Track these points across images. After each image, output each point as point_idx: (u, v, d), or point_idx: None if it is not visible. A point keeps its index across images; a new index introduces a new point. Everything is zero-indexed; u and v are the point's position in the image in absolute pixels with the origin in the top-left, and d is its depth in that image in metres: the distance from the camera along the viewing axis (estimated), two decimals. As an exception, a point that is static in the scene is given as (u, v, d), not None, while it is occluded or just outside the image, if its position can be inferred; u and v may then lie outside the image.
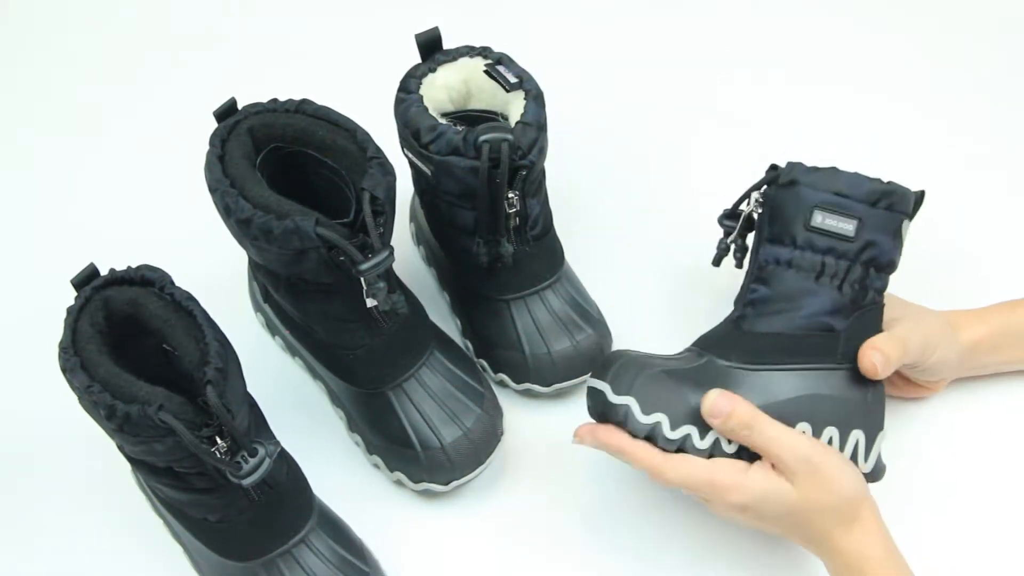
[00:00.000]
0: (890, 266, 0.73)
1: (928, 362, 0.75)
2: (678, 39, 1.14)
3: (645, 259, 0.94)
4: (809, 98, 1.07)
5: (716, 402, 0.68)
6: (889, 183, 0.73)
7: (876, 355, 0.71)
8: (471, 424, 0.79)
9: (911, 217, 0.74)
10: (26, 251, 0.99)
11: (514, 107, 0.78)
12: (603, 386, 0.71)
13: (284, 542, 0.72)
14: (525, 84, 0.79)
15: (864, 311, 0.73)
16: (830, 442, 0.70)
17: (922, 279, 0.86)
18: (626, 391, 0.70)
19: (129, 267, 0.70)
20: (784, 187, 0.74)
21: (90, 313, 0.68)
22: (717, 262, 0.80)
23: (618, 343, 0.87)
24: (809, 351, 0.72)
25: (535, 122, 0.77)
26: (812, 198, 0.72)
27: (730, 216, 0.79)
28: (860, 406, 0.72)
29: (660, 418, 0.69)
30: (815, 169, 0.73)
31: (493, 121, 0.80)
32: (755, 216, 0.77)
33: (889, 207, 0.72)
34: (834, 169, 0.73)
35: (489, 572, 0.79)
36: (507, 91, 0.79)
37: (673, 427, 0.69)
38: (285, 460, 0.73)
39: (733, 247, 0.79)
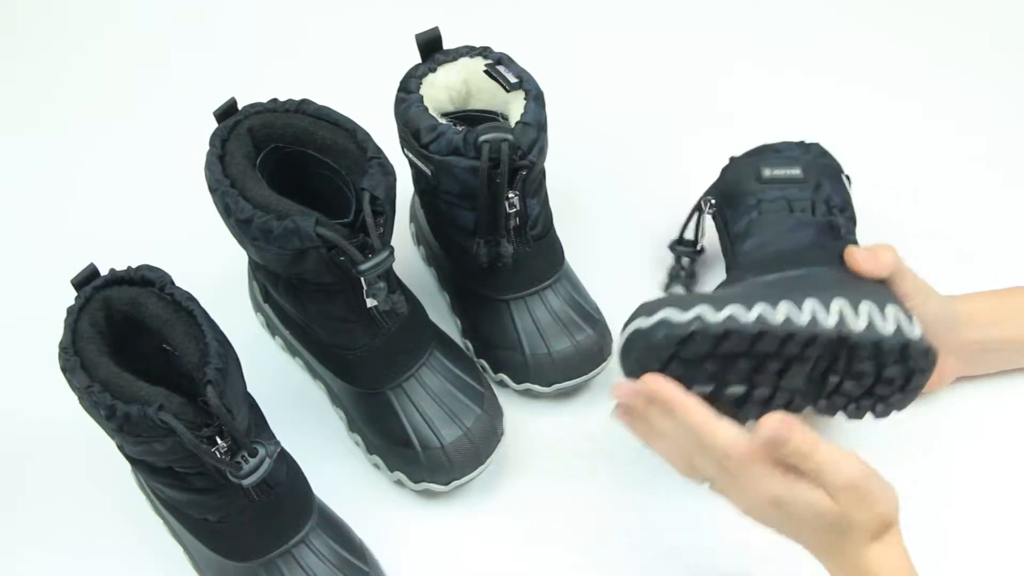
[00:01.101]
0: (847, 207, 0.78)
1: (924, 307, 0.74)
2: (678, 39, 1.14)
3: (645, 259, 0.94)
4: (811, 98, 1.07)
5: (778, 428, 0.63)
6: (811, 143, 0.82)
7: (860, 250, 0.73)
8: (471, 424, 0.79)
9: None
10: (26, 251, 0.99)
11: (514, 107, 0.78)
12: (663, 314, 0.67)
13: (284, 542, 0.72)
14: (525, 84, 0.79)
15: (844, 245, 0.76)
16: (840, 315, 0.69)
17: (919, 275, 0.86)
18: (690, 306, 0.67)
19: (129, 267, 0.70)
20: (725, 173, 0.83)
21: (90, 313, 0.68)
22: (667, 288, 0.88)
23: (617, 344, 0.87)
24: (811, 260, 0.74)
25: (535, 122, 0.77)
26: (754, 163, 0.81)
27: (680, 242, 0.89)
28: (867, 284, 0.72)
29: (735, 309, 0.67)
30: (747, 151, 0.83)
31: (493, 121, 0.80)
32: (712, 218, 0.84)
33: (820, 155, 0.81)
34: (761, 145, 0.82)
35: (489, 572, 0.79)
36: (507, 91, 0.79)
37: (748, 308, 0.67)
38: (285, 460, 0.73)
39: (683, 272, 0.87)
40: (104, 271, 0.70)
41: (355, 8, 1.18)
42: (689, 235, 0.90)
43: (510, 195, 0.77)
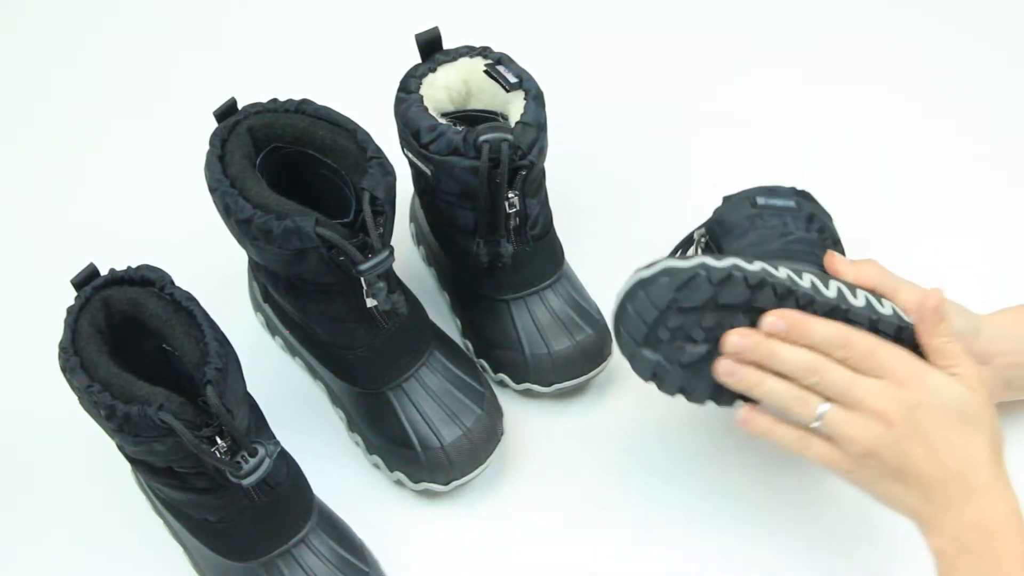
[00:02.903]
0: (837, 241, 0.80)
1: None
2: (678, 38, 1.14)
3: (645, 259, 0.94)
4: (810, 98, 1.07)
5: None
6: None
7: (840, 257, 0.72)
8: (471, 424, 0.79)
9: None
10: (26, 251, 0.99)
11: (514, 107, 0.78)
12: (665, 263, 0.66)
13: (284, 542, 0.72)
14: (525, 84, 0.79)
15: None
16: (839, 291, 0.68)
17: (921, 277, 0.86)
18: (693, 258, 0.66)
19: (129, 267, 0.70)
20: (719, 210, 0.83)
21: (90, 313, 0.68)
22: None
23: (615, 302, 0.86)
24: (800, 259, 0.75)
25: (535, 122, 0.77)
26: (749, 194, 0.83)
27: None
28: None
29: (737, 260, 0.66)
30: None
31: (493, 121, 0.80)
32: (703, 252, 0.85)
33: (812, 200, 0.83)
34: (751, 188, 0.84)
35: (489, 572, 0.78)
36: (507, 91, 0.79)
37: (750, 262, 0.66)
38: (285, 460, 0.73)
39: None
40: (104, 271, 0.70)
41: (355, 8, 1.18)
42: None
43: (510, 195, 0.77)
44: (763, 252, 0.76)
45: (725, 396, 0.70)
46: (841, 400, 0.65)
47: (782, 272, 0.67)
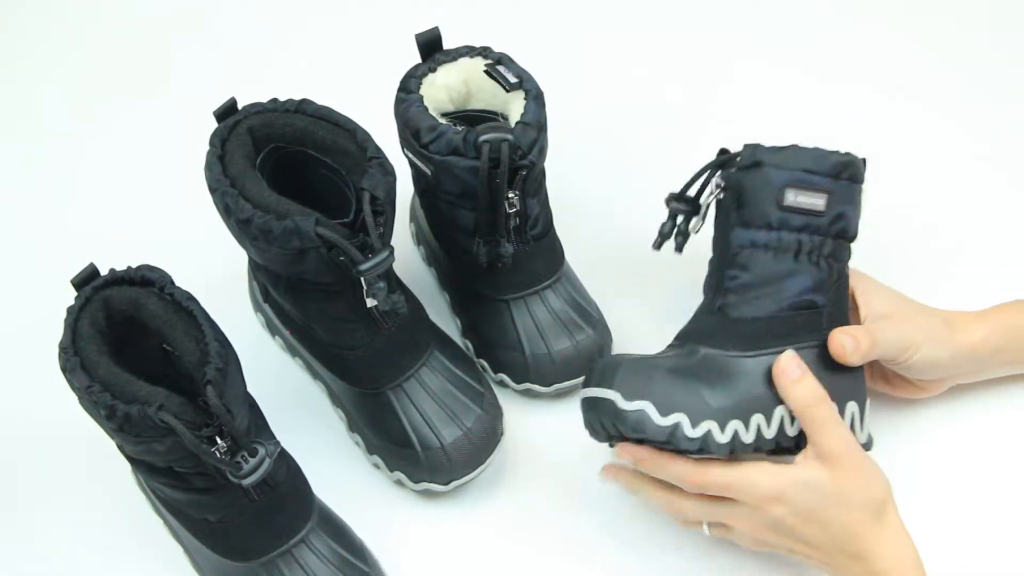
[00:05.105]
0: (854, 236, 0.75)
1: (910, 361, 0.75)
2: (679, 38, 1.13)
3: (646, 259, 0.94)
4: (814, 98, 1.07)
5: (791, 362, 0.69)
6: (846, 154, 0.73)
7: (847, 339, 0.72)
8: (471, 424, 0.79)
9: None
10: (26, 251, 0.99)
11: (514, 107, 0.78)
12: (610, 394, 0.69)
13: (284, 542, 0.72)
14: (525, 84, 0.79)
15: (838, 283, 0.74)
16: (779, 427, 0.70)
17: (922, 277, 0.86)
18: (639, 395, 0.68)
19: (129, 267, 0.70)
20: (748, 169, 0.73)
21: (90, 313, 0.68)
22: (658, 246, 0.79)
23: (618, 343, 0.87)
24: (800, 330, 0.72)
25: (535, 122, 0.77)
26: (781, 177, 0.72)
27: (679, 199, 0.78)
28: (850, 379, 0.73)
29: (679, 418, 0.68)
30: (778, 148, 0.73)
31: (493, 121, 0.80)
32: (714, 201, 0.77)
33: (851, 178, 0.73)
34: (795, 146, 0.73)
35: (489, 572, 0.78)
36: (507, 91, 0.79)
37: (694, 425, 0.68)
38: (285, 460, 0.73)
39: (676, 231, 0.79)
40: (104, 271, 0.70)
41: (355, 8, 1.18)
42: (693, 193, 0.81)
43: (510, 195, 0.77)
44: (746, 332, 0.72)
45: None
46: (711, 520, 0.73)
47: (726, 435, 0.69)
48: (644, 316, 0.90)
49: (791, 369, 0.69)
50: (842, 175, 0.72)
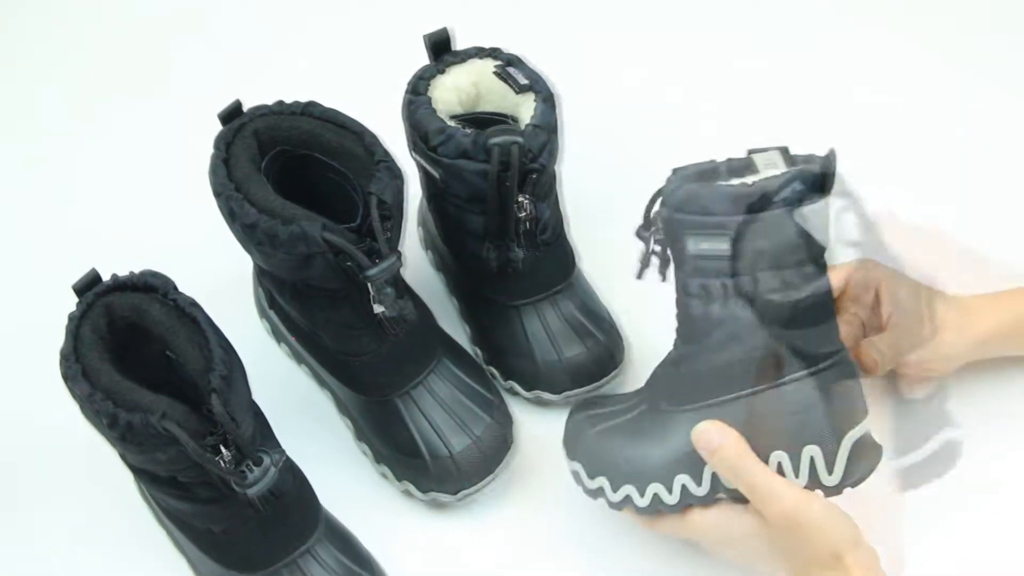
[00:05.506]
0: (812, 258, 0.66)
1: (926, 361, 0.77)
2: (698, 41, 1.13)
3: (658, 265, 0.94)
4: (813, 98, 1.06)
5: (705, 432, 0.66)
6: (753, 184, 0.64)
7: (875, 352, 0.74)
8: (481, 432, 0.78)
9: (824, 190, 0.65)
10: (27, 256, 0.99)
11: (524, 109, 0.78)
12: (574, 465, 0.74)
13: (289, 553, 0.72)
14: (536, 86, 0.79)
15: (805, 307, 0.66)
16: (779, 468, 0.66)
17: (922, 277, 0.85)
18: (573, 456, 0.73)
19: (132, 273, 0.70)
20: (665, 208, 0.68)
21: (92, 320, 0.67)
22: (640, 275, 0.75)
23: (631, 349, 0.86)
24: (746, 376, 0.67)
25: (545, 124, 0.76)
26: (683, 223, 0.66)
27: (646, 227, 0.73)
28: (812, 417, 0.66)
29: (602, 482, 0.71)
30: (683, 182, 0.67)
31: (503, 124, 0.80)
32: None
33: (765, 206, 0.64)
34: (698, 184, 0.66)
35: (499, 584, 0.78)
36: (517, 93, 0.79)
37: (614, 488, 0.71)
38: (291, 469, 0.72)
39: (654, 258, 0.74)
40: (106, 277, 0.70)
41: (363, 8, 1.19)
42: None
43: (520, 199, 0.77)
44: (705, 382, 0.68)
45: None
46: None
47: (645, 502, 0.70)
48: (657, 322, 0.89)
49: (707, 438, 0.66)
50: (754, 207, 0.64)
